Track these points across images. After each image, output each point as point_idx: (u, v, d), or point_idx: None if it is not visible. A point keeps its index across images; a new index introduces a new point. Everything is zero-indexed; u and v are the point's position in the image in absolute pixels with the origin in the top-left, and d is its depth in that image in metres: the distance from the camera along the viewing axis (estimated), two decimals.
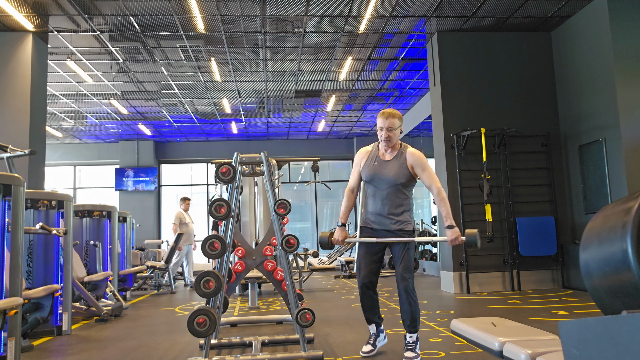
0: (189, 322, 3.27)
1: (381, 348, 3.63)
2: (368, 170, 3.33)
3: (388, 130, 3.26)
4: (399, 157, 3.31)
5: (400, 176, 3.27)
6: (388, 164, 3.31)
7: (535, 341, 1.81)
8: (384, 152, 3.36)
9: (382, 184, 3.28)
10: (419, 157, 3.31)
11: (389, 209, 3.29)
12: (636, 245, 1.03)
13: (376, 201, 3.31)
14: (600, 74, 6.50)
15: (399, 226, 3.31)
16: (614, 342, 0.84)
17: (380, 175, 3.29)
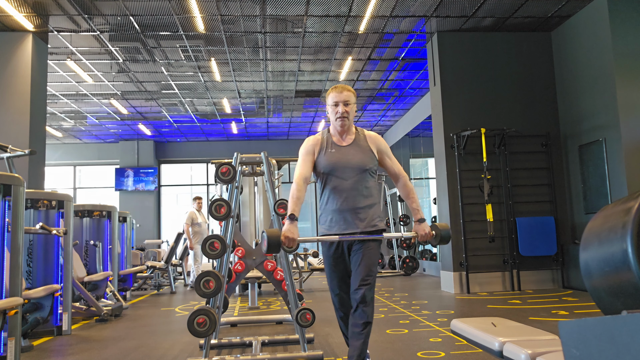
0: (189, 322, 3.27)
1: (383, 349, 3.62)
2: (327, 159, 2.73)
3: (345, 105, 2.71)
4: (358, 141, 2.77)
5: (367, 160, 2.73)
6: (349, 149, 2.74)
7: (535, 341, 1.81)
8: (339, 138, 2.77)
9: (347, 172, 2.70)
10: (381, 140, 2.84)
11: (356, 202, 2.69)
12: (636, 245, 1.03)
13: (340, 196, 2.69)
14: (600, 74, 6.50)
15: (369, 222, 2.71)
16: (614, 342, 0.84)
17: (343, 163, 2.71)
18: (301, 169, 2.76)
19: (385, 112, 12.36)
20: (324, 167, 2.73)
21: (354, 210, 2.68)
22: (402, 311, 5.55)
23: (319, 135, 2.85)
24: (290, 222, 2.59)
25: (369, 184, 2.74)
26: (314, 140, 2.83)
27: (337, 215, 2.70)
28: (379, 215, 2.77)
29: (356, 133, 2.81)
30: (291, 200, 2.66)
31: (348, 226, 2.69)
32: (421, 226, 2.72)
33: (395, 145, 13.56)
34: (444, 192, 7.45)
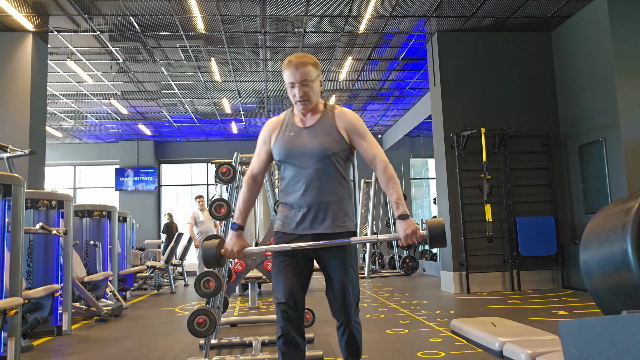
0: (189, 322, 3.27)
1: (383, 349, 3.63)
2: (282, 143, 2.21)
3: (303, 85, 2.14)
4: (324, 120, 2.23)
5: (330, 143, 2.17)
6: (310, 130, 2.21)
7: (535, 341, 1.81)
8: (302, 119, 2.25)
9: (305, 159, 2.16)
10: (353, 117, 2.25)
11: (318, 195, 2.15)
12: (636, 245, 1.03)
13: (298, 187, 2.17)
14: (600, 74, 6.50)
15: (335, 222, 2.17)
16: (614, 342, 0.84)
17: (300, 147, 2.18)
18: (251, 165, 2.31)
19: (385, 112, 12.36)
20: (279, 154, 2.22)
21: (315, 205, 2.15)
22: (402, 311, 5.55)
23: (281, 115, 2.34)
24: (233, 231, 2.20)
25: (336, 173, 2.19)
26: (272, 123, 2.32)
27: (295, 210, 2.18)
28: (348, 214, 2.23)
29: (323, 111, 2.25)
30: (237, 204, 2.28)
31: (307, 225, 2.17)
32: (404, 224, 2.07)
33: (395, 145, 13.56)
34: (444, 192, 7.45)
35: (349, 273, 2.18)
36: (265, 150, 2.31)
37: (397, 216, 2.11)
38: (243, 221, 2.25)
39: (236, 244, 2.18)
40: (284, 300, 2.09)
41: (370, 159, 2.21)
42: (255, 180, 2.31)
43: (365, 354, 3.57)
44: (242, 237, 2.22)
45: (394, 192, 2.14)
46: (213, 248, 2.14)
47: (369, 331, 4.43)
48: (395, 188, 2.15)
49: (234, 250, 2.17)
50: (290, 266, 2.15)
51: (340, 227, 2.18)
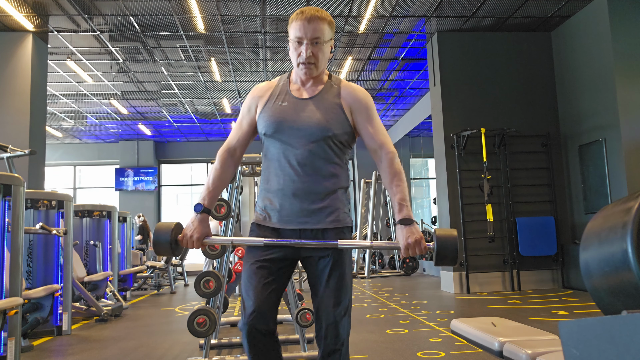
0: (189, 322, 3.27)
1: (383, 349, 3.63)
2: (270, 113, 1.79)
3: (313, 43, 1.75)
4: (327, 94, 1.82)
5: (331, 122, 1.76)
6: (308, 103, 1.79)
7: (535, 341, 1.81)
8: (300, 87, 1.84)
9: (298, 137, 1.76)
10: (363, 94, 1.84)
11: (309, 183, 1.75)
12: (636, 245, 1.02)
13: (285, 171, 1.76)
14: (600, 74, 6.50)
15: (328, 218, 1.77)
16: (614, 342, 0.84)
17: (293, 122, 1.77)
18: (230, 136, 1.92)
19: (385, 112, 12.36)
20: (265, 126, 1.80)
21: (306, 194, 1.75)
22: (402, 311, 5.55)
23: (273, 81, 1.92)
24: (196, 214, 1.78)
25: (334, 158, 1.79)
26: (260, 89, 1.88)
27: (280, 199, 1.77)
28: (346, 206, 1.84)
29: (327, 83, 1.85)
30: (206, 181, 1.86)
31: (294, 217, 1.76)
32: (406, 231, 1.68)
33: (395, 145, 13.41)
34: (444, 192, 7.45)
35: (344, 280, 1.75)
36: (248, 120, 1.88)
37: (398, 220, 1.71)
38: (210, 202, 1.81)
39: (197, 229, 1.76)
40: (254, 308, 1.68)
41: (376, 148, 1.81)
42: (232, 155, 1.87)
43: (365, 354, 3.57)
44: (207, 222, 1.79)
45: (398, 191, 1.74)
46: (167, 233, 1.74)
47: (369, 331, 4.43)
48: (401, 186, 1.76)
49: (193, 237, 1.76)
50: (263, 269, 1.72)
51: (336, 222, 1.77)
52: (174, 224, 1.78)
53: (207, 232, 1.80)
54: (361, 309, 5.83)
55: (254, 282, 1.71)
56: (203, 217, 1.79)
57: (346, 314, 1.74)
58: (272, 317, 1.70)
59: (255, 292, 1.69)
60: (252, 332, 1.65)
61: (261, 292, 1.70)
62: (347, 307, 1.75)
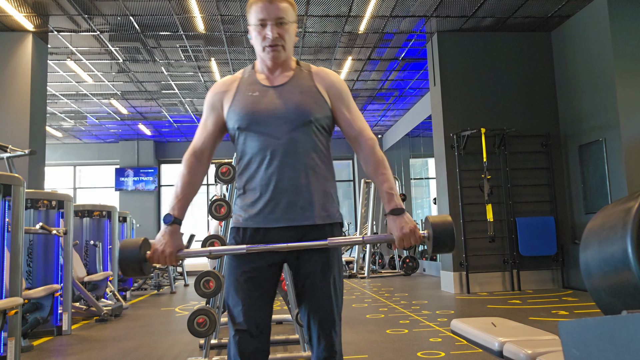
0: (189, 322, 3.27)
1: (383, 349, 3.63)
2: (242, 105, 1.65)
3: (278, 25, 1.61)
4: (298, 79, 1.68)
5: (310, 105, 1.63)
6: (282, 89, 1.65)
7: (535, 341, 1.81)
8: (268, 75, 1.69)
9: (277, 125, 1.61)
10: (336, 78, 1.72)
11: (296, 176, 1.60)
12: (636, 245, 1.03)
13: (266, 164, 1.61)
14: (600, 74, 6.50)
15: (319, 214, 1.62)
16: (614, 342, 0.84)
17: (270, 110, 1.62)
18: (195, 139, 1.74)
19: (385, 112, 12.36)
20: (237, 119, 1.65)
21: (292, 188, 1.59)
22: (402, 311, 5.55)
23: (235, 74, 1.78)
24: (166, 226, 1.60)
25: (318, 146, 1.65)
26: (222, 84, 1.76)
27: (264, 196, 1.61)
28: (334, 199, 1.69)
29: (297, 68, 1.72)
30: (174, 190, 1.68)
31: (279, 215, 1.60)
32: (399, 222, 1.57)
33: (395, 145, 13.57)
34: (444, 192, 7.45)
35: (336, 282, 1.63)
36: (213, 119, 1.72)
37: (389, 211, 1.59)
38: (180, 212, 1.64)
39: (169, 243, 1.57)
40: (245, 326, 1.55)
41: (355, 135, 1.68)
42: (199, 159, 1.71)
43: (365, 354, 3.57)
44: (179, 234, 1.61)
45: (384, 180, 1.62)
46: (135, 250, 1.53)
47: (369, 331, 4.43)
48: (386, 174, 1.63)
49: (165, 252, 1.56)
50: (251, 280, 1.58)
51: (326, 217, 1.63)
52: (141, 239, 1.57)
53: (180, 244, 1.60)
54: (361, 309, 5.83)
55: (242, 290, 1.57)
56: (174, 229, 1.61)
57: (339, 320, 1.64)
58: (267, 321, 1.59)
59: (245, 297, 1.56)
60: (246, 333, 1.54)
61: (252, 297, 1.56)
62: (340, 312, 1.65)
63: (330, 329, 1.59)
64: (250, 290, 1.57)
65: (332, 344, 1.59)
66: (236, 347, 1.55)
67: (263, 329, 1.58)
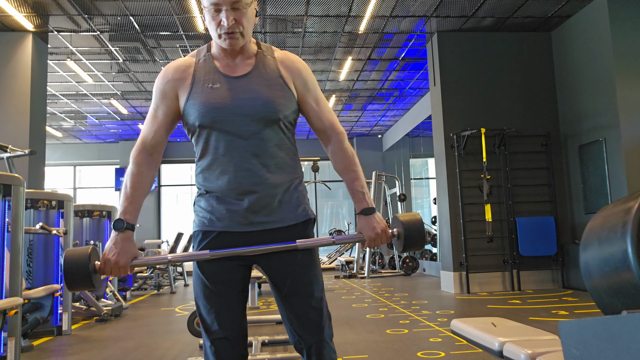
0: (189, 322, 3.27)
1: (383, 349, 3.63)
2: (203, 100, 1.49)
3: (233, 10, 1.45)
4: (263, 67, 1.55)
5: (278, 100, 1.51)
6: (245, 81, 1.52)
7: (535, 341, 1.81)
8: (228, 62, 1.54)
9: (244, 124, 1.49)
10: (302, 66, 1.60)
11: (266, 176, 1.50)
12: (636, 245, 1.02)
13: (233, 166, 1.49)
14: (600, 74, 6.50)
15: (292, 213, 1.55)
16: (614, 342, 0.84)
17: (235, 107, 1.48)
18: (144, 132, 1.56)
19: (385, 112, 12.36)
20: (198, 116, 1.49)
21: (262, 191, 1.49)
22: (402, 311, 5.55)
23: (188, 58, 1.57)
24: (117, 233, 1.45)
25: (286, 143, 1.56)
26: (175, 70, 1.55)
27: (232, 198, 1.49)
28: (305, 196, 1.61)
29: (259, 53, 1.58)
30: (122, 191, 1.51)
31: (249, 218, 1.50)
32: (371, 221, 1.52)
33: (395, 145, 13.57)
34: (444, 192, 7.45)
35: (316, 274, 1.56)
36: (165, 109, 1.53)
37: (360, 210, 1.53)
38: (132, 216, 1.49)
39: (122, 252, 1.42)
40: (220, 334, 1.49)
41: (324, 128, 1.58)
42: (151, 154, 1.54)
43: (365, 354, 3.57)
44: (132, 241, 1.47)
45: (355, 177, 1.55)
46: (84, 261, 1.35)
47: (369, 331, 4.43)
48: (357, 171, 1.56)
49: (119, 262, 1.41)
50: (222, 286, 1.50)
51: (300, 215, 1.55)
52: (90, 248, 1.40)
53: (134, 253, 1.45)
54: (361, 309, 5.83)
55: (214, 296, 1.50)
56: (127, 235, 1.45)
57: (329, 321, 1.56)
58: (243, 325, 1.53)
59: (218, 304, 1.49)
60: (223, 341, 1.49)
61: (225, 303, 1.49)
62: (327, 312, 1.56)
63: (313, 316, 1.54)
64: (224, 295, 1.50)
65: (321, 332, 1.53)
66: (214, 357, 1.48)
67: (241, 332, 1.53)
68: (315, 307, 1.53)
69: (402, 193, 11.32)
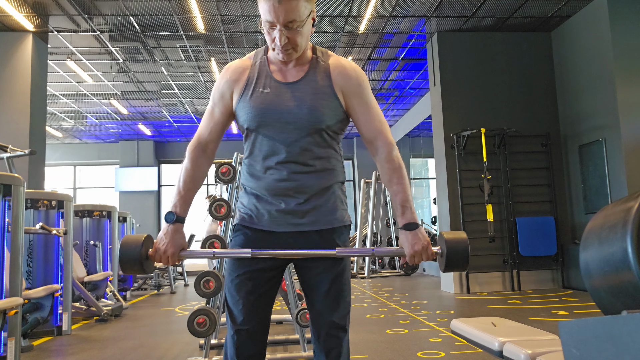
0: (189, 322, 3.27)
1: (383, 349, 3.63)
2: (253, 104, 1.53)
3: (288, 28, 1.47)
4: (315, 74, 1.56)
5: (325, 110, 1.53)
6: (294, 88, 1.54)
7: (535, 341, 1.81)
8: (281, 68, 1.57)
9: (287, 130, 1.53)
10: (357, 73, 1.59)
11: (303, 180, 1.55)
12: (636, 245, 1.02)
13: (275, 168, 1.54)
14: (600, 74, 6.50)
15: (326, 218, 1.58)
16: (614, 342, 0.84)
17: (280, 113, 1.52)
18: (200, 129, 1.63)
19: (385, 112, 12.36)
20: (247, 119, 1.54)
21: (301, 194, 1.54)
22: (402, 311, 5.55)
23: (247, 60, 1.62)
24: (168, 225, 1.54)
25: (328, 150, 1.58)
26: (234, 71, 1.59)
27: (271, 198, 1.56)
28: (344, 202, 1.64)
29: (313, 59, 1.58)
30: (176, 185, 1.60)
31: (288, 219, 1.55)
32: (411, 237, 1.50)
33: None
34: (444, 192, 7.45)
35: (346, 286, 1.61)
36: (222, 108, 1.60)
37: (402, 225, 1.52)
38: (183, 209, 1.57)
39: (171, 242, 1.52)
40: (244, 326, 1.53)
41: (371, 138, 1.58)
42: (205, 151, 1.61)
43: (365, 354, 3.57)
44: (181, 233, 1.55)
45: (399, 190, 1.53)
46: (137, 247, 1.49)
47: (369, 331, 4.43)
48: (402, 184, 1.54)
49: (167, 251, 1.51)
50: (252, 282, 1.54)
51: (334, 221, 1.58)
52: (144, 236, 1.52)
53: (183, 244, 1.54)
54: (361, 309, 5.83)
55: (244, 290, 1.54)
56: (177, 228, 1.54)
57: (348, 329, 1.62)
58: (267, 322, 1.58)
59: (246, 298, 1.53)
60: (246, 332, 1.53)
61: (254, 298, 1.54)
62: (348, 318, 1.62)
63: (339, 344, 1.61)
64: (253, 290, 1.54)
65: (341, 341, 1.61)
66: (234, 347, 1.52)
67: (264, 331, 1.57)
68: (343, 314, 1.59)
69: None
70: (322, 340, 1.57)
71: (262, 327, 1.56)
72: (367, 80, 1.61)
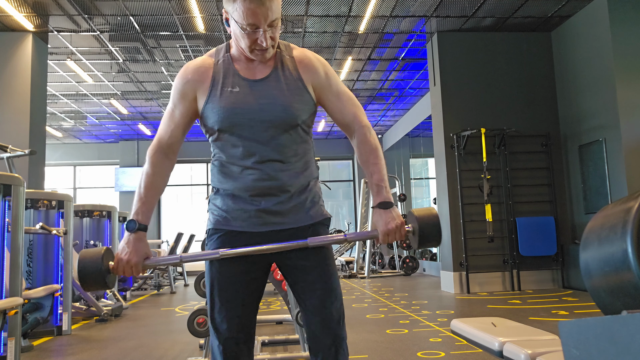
0: (189, 322, 3.27)
1: (383, 349, 3.63)
2: (223, 105, 1.47)
3: (271, 26, 1.42)
4: (282, 69, 1.52)
5: (298, 105, 1.50)
6: (265, 84, 1.50)
7: (535, 341, 1.81)
8: (248, 65, 1.52)
9: (262, 129, 1.48)
10: (321, 64, 1.57)
11: (281, 179, 1.51)
12: (636, 245, 1.02)
13: (251, 169, 1.49)
14: (600, 74, 6.50)
15: (308, 214, 1.55)
16: (614, 342, 0.84)
17: (254, 113, 1.47)
18: (160, 131, 1.57)
19: (385, 112, 12.36)
20: (217, 120, 1.48)
21: (278, 193, 1.50)
22: (402, 311, 5.55)
23: (207, 58, 1.54)
24: (130, 234, 1.45)
25: (303, 146, 1.55)
26: (195, 70, 1.52)
27: (245, 200, 1.50)
28: (321, 196, 1.62)
29: (277, 53, 1.53)
30: (137, 191, 1.52)
31: (265, 219, 1.51)
32: (385, 216, 1.48)
33: (395, 145, 13.56)
34: (444, 192, 7.46)
35: (332, 274, 1.54)
36: (183, 109, 1.54)
37: (377, 203, 1.49)
38: (145, 217, 1.48)
39: (134, 252, 1.43)
40: (228, 334, 1.47)
41: (347, 122, 1.55)
42: (167, 154, 1.54)
43: (365, 354, 3.58)
44: (145, 241, 1.47)
45: (375, 170, 1.50)
46: (97, 261, 1.39)
47: (369, 331, 4.43)
48: (378, 165, 1.51)
49: (130, 261, 1.42)
50: (236, 282, 1.49)
51: (315, 215, 1.55)
52: (104, 249, 1.44)
53: (147, 252, 1.46)
54: (361, 309, 5.83)
55: (225, 292, 1.49)
56: (139, 236, 1.45)
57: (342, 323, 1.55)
58: (252, 326, 1.55)
59: (228, 301, 1.48)
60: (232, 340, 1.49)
61: (235, 300, 1.49)
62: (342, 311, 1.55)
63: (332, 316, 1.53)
64: (236, 292, 1.50)
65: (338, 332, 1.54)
66: (222, 356, 1.47)
67: (249, 336, 1.54)
68: (334, 302, 1.52)
69: (402, 193, 11.32)
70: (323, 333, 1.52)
71: (247, 333, 1.52)
72: (331, 67, 1.59)
